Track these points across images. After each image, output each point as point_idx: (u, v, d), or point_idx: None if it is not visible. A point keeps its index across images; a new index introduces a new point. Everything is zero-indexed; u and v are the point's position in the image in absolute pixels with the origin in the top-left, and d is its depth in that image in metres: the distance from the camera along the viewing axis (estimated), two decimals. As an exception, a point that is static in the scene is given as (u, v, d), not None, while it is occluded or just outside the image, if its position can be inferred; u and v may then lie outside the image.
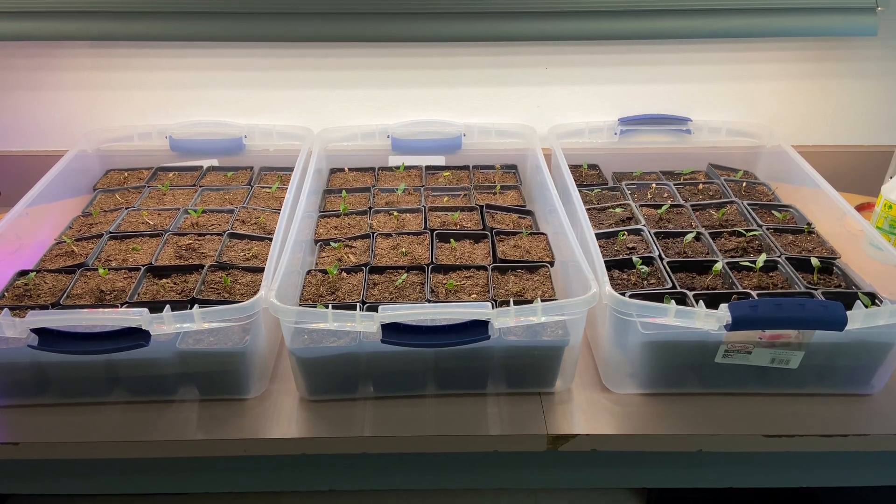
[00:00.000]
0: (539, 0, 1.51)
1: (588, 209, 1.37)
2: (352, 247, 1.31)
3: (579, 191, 1.37)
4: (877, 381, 1.10)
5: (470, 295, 1.15)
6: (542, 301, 1.03)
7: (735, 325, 0.96)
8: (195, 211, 1.40)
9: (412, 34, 1.53)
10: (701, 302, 1.02)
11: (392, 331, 0.99)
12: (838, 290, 1.15)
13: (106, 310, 1.03)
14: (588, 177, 1.63)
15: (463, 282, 1.19)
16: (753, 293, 1.12)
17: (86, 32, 1.51)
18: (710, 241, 1.29)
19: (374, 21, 1.52)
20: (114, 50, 1.59)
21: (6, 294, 1.16)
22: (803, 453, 1.09)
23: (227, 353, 1.05)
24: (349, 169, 1.66)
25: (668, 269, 1.19)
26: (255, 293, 1.04)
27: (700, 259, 1.23)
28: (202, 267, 1.21)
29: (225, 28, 1.52)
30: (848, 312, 0.97)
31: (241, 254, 1.28)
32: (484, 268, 1.22)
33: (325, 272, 1.22)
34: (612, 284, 1.06)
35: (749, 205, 1.41)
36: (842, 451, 1.06)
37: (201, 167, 1.65)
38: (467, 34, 1.54)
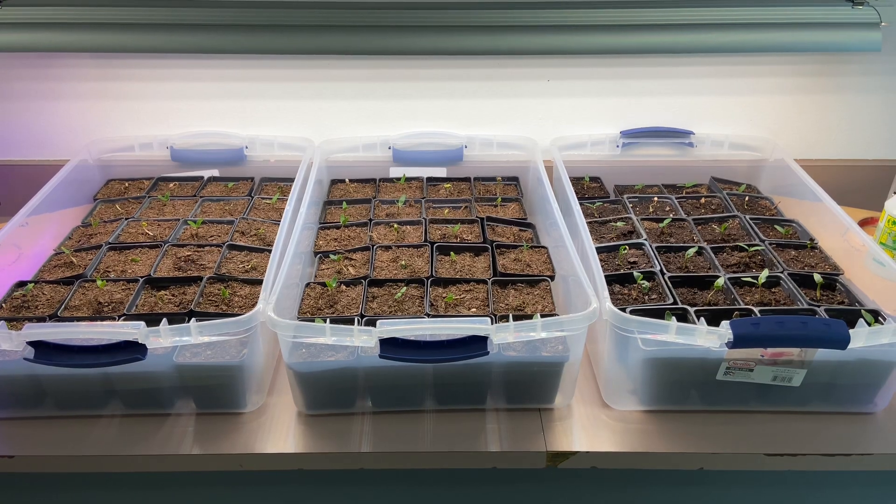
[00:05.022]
0: (541, 14, 1.51)
1: (589, 222, 1.37)
2: (351, 259, 1.31)
3: (580, 204, 1.36)
4: (880, 400, 1.09)
5: (469, 309, 1.15)
6: (542, 316, 1.03)
7: (736, 342, 0.95)
8: (195, 222, 1.39)
9: (414, 48, 1.53)
10: (702, 319, 1.01)
11: (390, 346, 0.98)
12: (841, 306, 1.14)
13: (102, 323, 1.03)
14: (590, 189, 1.62)
15: (462, 295, 1.18)
16: (755, 309, 1.11)
17: (88, 44, 1.51)
18: (712, 255, 1.28)
19: (376, 34, 1.52)
20: (115, 61, 1.60)
21: (4, 305, 1.16)
22: (806, 472, 1.08)
23: (224, 366, 1.05)
24: (350, 180, 1.65)
25: (670, 285, 1.18)
26: (254, 306, 1.03)
27: (702, 274, 1.22)
28: (201, 279, 1.20)
29: (227, 40, 1.52)
30: (851, 331, 0.96)
31: (241, 266, 1.27)
32: (484, 281, 1.21)
33: (324, 285, 1.21)
34: (612, 299, 1.05)
35: (752, 219, 1.41)
36: (845, 470, 1.05)
37: (202, 177, 1.65)
38: (469, 48, 1.53)
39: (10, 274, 1.25)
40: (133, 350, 0.97)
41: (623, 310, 1.02)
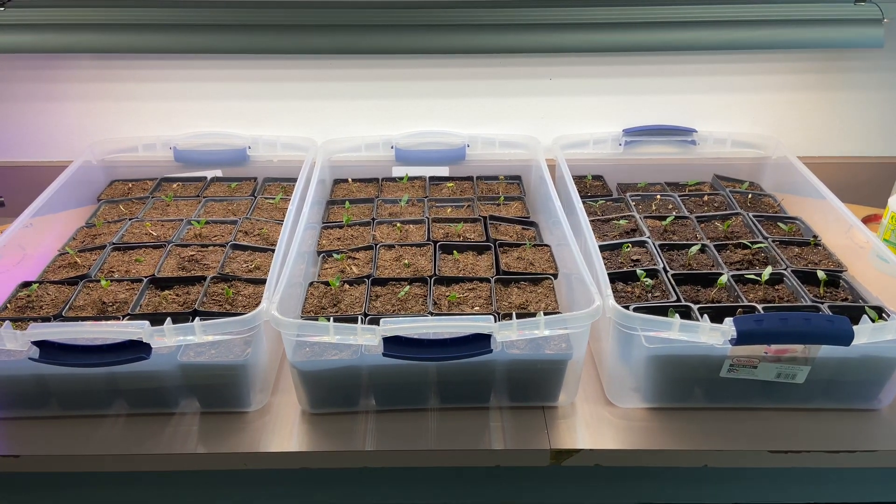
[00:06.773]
0: (543, 13, 1.51)
1: (592, 220, 1.37)
2: (354, 258, 1.31)
3: (583, 202, 1.36)
4: (884, 396, 1.09)
5: (472, 307, 1.15)
6: (546, 314, 1.03)
7: (740, 339, 0.95)
8: (198, 222, 1.40)
9: (416, 47, 1.53)
10: (705, 316, 1.01)
11: (393, 344, 0.98)
12: (845, 303, 1.14)
13: (107, 322, 1.03)
14: (592, 188, 1.62)
15: (466, 294, 1.18)
16: (759, 306, 1.11)
17: (91, 45, 1.51)
18: (716, 253, 1.28)
19: (378, 34, 1.52)
20: (118, 62, 1.60)
21: (9, 306, 1.16)
22: (810, 469, 1.07)
23: (228, 365, 1.05)
24: (353, 180, 1.66)
25: (673, 282, 1.18)
26: (257, 305, 1.04)
27: (705, 272, 1.22)
28: (204, 278, 1.20)
29: (229, 41, 1.52)
30: (854, 327, 0.96)
31: (244, 265, 1.28)
32: (487, 280, 1.21)
33: (327, 284, 1.21)
34: (615, 297, 1.05)
35: (755, 217, 1.40)
36: (849, 466, 1.05)
37: (205, 178, 1.66)
38: (471, 47, 1.54)
39: (15, 274, 1.25)
40: (137, 349, 0.97)
41: (626, 307, 1.02)
